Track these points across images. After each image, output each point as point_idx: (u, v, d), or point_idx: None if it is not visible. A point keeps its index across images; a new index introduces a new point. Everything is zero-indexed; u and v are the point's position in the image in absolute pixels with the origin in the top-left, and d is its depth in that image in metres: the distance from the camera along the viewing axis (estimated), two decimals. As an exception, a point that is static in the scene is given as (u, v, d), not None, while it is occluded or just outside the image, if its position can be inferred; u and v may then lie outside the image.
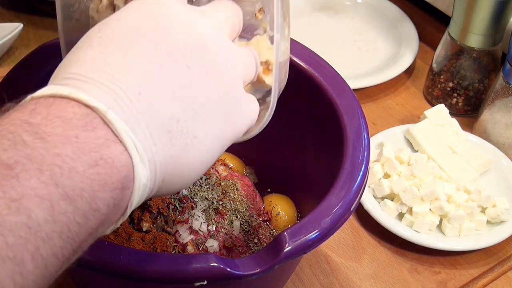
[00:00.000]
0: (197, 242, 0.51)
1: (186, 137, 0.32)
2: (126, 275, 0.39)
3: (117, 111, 0.29)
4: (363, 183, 0.47)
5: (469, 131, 0.76)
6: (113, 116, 0.29)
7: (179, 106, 0.32)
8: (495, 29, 0.74)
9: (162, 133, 0.31)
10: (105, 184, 0.28)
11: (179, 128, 0.31)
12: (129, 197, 0.30)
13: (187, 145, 0.32)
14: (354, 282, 0.61)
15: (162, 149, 0.31)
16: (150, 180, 0.31)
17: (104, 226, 0.29)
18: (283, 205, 0.62)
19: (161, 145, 0.31)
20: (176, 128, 0.31)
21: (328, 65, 0.57)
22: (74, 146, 0.27)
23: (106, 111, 0.28)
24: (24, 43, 0.86)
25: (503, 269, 0.64)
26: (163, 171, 0.31)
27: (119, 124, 0.29)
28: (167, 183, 0.32)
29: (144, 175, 0.30)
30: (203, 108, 0.33)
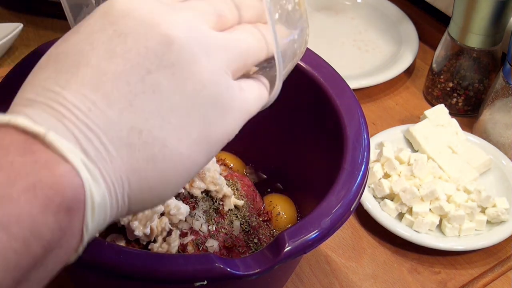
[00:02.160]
0: (197, 242, 0.51)
1: (152, 148, 0.29)
2: (126, 275, 0.39)
3: (61, 131, 0.28)
4: (363, 183, 0.47)
5: (469, 131, 0.76)
6: (53, 137, 0.27)
7: (141, 116, 0.29)
8: (495, 29, 0.74)
9: (121, 148, 0.29)
10: (46, 208, 0.26)
11: (143, 139, 0.29)
12: (82, 219, 0.28)
13: (155, 156, 0.30)
14: (354, 282, 0.61)
15: (121, 164, 0.29)
16: (111, 200, 0.29)
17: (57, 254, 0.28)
18: (283, 205, 0.62)
19: (120, 160, 0.29)
20: (138, 139, 0.29)
21: (328, 65, 0.57)
22: (8, 172, 0.26)
23: (45, 133, 0.27)
24: (24, 43, 0.87)
25: (503, 269, 0.64)
26: (126, 188, 0.29)
27: (61, 144, 0.27)
28: (137, 199, 0.30)
29: (98, 194, 0.28)
30: (172, 114, 0.30)
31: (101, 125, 0.29)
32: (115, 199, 0.29)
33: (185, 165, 0.31)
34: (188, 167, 0.31)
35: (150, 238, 0.50)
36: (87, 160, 0.28)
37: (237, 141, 0.69)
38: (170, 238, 0.50)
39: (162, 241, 0.50)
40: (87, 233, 0.29)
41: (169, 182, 0.31)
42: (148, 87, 0.30)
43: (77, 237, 0.28)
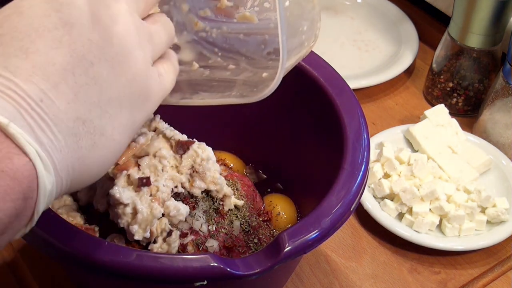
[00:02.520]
0: (197, 242, 0.51)
1: (93, 137, 0.32)
2: (125, 275, 0.39)
3: (19, 122, 0.29)
4: (363, 183, 0.47)
5: (469, 131, 0.76)
6: (14, 129, 0.29)
7: (84, 107, 0.31)
8: (495, 29, 0.74)
9: (68, 137, 0.31)
10: (6, 195, 0.28)
11: (85, 129, 0.32)
12: (33, 204, 0.30)
13: (95, 144, 0.32)
14: (354, 282, 0.61)
15: (68, 152, 0.31)
16: (57, 185, 0.31)
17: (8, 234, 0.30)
18: (283, 205, 0.62)
19: (67, 149, 0.31)
20: (82, 129, 0.31)
21: (328, 65, 0.57)
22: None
23: (7, 124, 0.28)
24: (24, 43, 0.86)
25: (503, 269, 0.64)
26: (71, 174, 0.32)
27: (20, 136, 0.29)
28: (76, 181, 0.33)
29: (49, 181, 0.30)
30: (109, 104, 0.33)
31: (52, 116, 0.30)
32: (60, 183, 0.31)
33: (116, 149, 0.34)
34: (118, 149, 0.35)
35: (150, 239, 0.50)
36: (41, 151, 0.30)
37: (237, 141, 0.69)
38: (170, 238, 0.50)
39: (162, 241, 0.50)
40: (37, 215, 0.31)
41: (104, 164, 0.34)
42: (91, 78, 0.32)
43: (27, 218, 0.30)
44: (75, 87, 0.31)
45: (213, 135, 0.57)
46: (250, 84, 0.43)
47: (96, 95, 0.32)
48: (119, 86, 0.33)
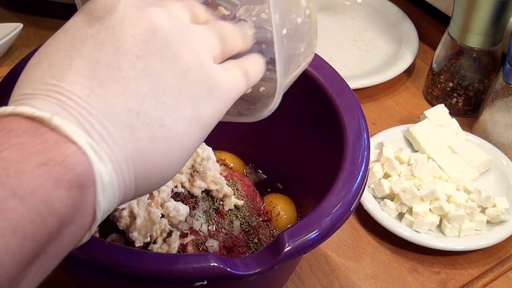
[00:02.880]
0: (197, 242, 0.51)
1: (151, 128, 0.31)
2: (125, 275, 0.39)
3: (65, 117, 0.29)
4: (363, 183, 0.47)
5: (469, 131, 0.76)
6: (59, 121, 0.29)
7: (137, 99, 0.31)
8: (495, 29, 0.74)
9: (122, 129, 0.30)
10: (58, 183, 0.27)
11: (141, 120, 0.31)
12: (93, 197, 0.29)
13: (154, 135, 0.31)
14: (354, 282, 0.61)
15: (124, 145, 0.30)
16: (119, 180, 0.30)
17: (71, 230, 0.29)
18: (283, 205, 0.62)
19: (123, 141, 0.30)
20: (137, 121, 0.31)
21: (328, 65, 0.57)
22: (20, 151, 0.27)
23: (51, 118, 0.28)
24: (24, 43, 0.87)
25: (503, 269, 0.64)
26: (132, 168, 0.31)
27: (67, 127, 0.29)
28: (143, 180, 0.32)
29: (106, 173, 0.29)
30: (165, 95, 0.32)
31: (101, 109, 0.30)
32: (122, 178, 0.31)
33: (183, 142, 0.33)
34: (185, 144, 0.33)
35: (150, 240, 0.50)
36: (92, 141, 0.29)
37: (237, 141, 0.69)
38: (170, 239, 0.50)
39: (162, 242, 0.50)
40: (100, 211, 0.30)
41: (170, 159, 0.33)
42: (139, 71, 0.31)
43: (90, 215, 0.29)
44: (123, 81, 0.31)
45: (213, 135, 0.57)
46: (247, 99, 0.42)
47: (148, 87, 0.32)
48: (172, 76, 0.32)
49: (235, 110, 0.42)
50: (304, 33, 0.42)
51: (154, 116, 0.31)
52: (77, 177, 0.28)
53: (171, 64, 0.33)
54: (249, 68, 0.38)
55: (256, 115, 0.41)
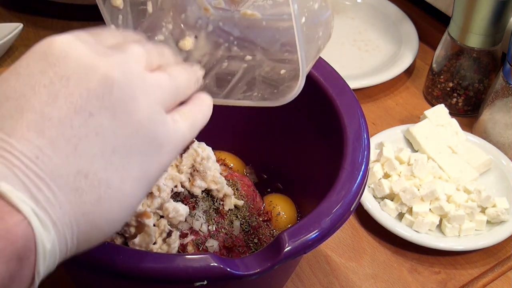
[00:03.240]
0: (197, 242, 0.51)
1: (98, 190, 0.30)
2: (125, 275, 0.39)
3: (12, 181, 0.28)
4: (363, 183, 0.47)
5: (469, 131, 0.76)
6: (5, 187, 0.28)
7: (86, 160, 0.30)
8: (495, 29, 0.74)
9: (69, 192, 0.30)
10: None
11: (88, 182, 0.30)
12: (33, 266, 0.29)
13: (101, 197, 0.31)
14: (354, 282, 0.61)
15: (70, 209, 0.30)
16: (60, 244, 0.30)
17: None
18: (283, 205, 0.62)
19: (69, 205, 0.30)
20: (85, 183, 0.30)
21: (328, 65, 0.57)
22: None
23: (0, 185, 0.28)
24: (24, 43, 0.86)
25: (503, 269, 0.64)
26: (75, 231, 0.30)
27: (13, 194, 0.28)
28: (85, 239, 0.31)
29: (48, 240, 0.29)
30: (114, 155, 0.31)
31: (49, 172, 0.29)
32: (65, 242, 0.30)
33: (128, 202, 0.32)
34: (131, 203, 0.33)
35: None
36: (37, 208, 0.29)
37: (237, 141, 0.69)
38: (170, 239, 0.50)
39: (162, 242, 0.50)
40: (39, 277, 0.29)
41: (114, 219, 0.32)
42: (91, 129, 0.31)
43: (28, 281, 0.29)
44: (73, 140, 0.30)
45: (213, 135, 0.57)
46: (270, 82, 0.43)
47: (99, 146, 0.31)
48: (124, 135, 0.32)
49: (258, 94, 0.43)
50: (322, 17, 0.43)
51: (101, 178, 0.31)
52: (18, 250, 0.28)
53: (123, 122, 0.32)
54: (197, 116, 0.37)
55: (280, 100, 0.42)
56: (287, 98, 0.41)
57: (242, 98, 0.43)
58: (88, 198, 0.30)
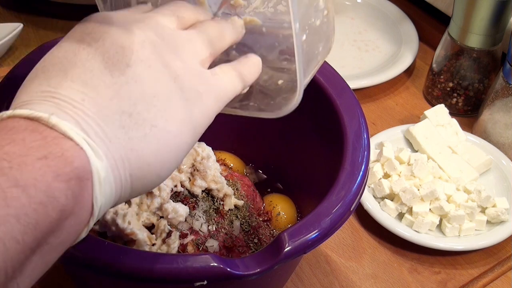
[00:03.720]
0: (197, 242, 0.51)
1: (144, 128, 0.33)
2: (125, 275, 0.39)
3: (62, 116, 0.30)
4: (363, 183, 0.47)
5: (469, 131, 0.76)
6: (56, 119, 0.30)
7: (129, 102, 0.33)
8: (495, 29, 0.74)
9: (116, 129, 0.32)
10: (58, 175, 0.28)
11: (133, 121, 0.32)
12: (91, 190, 0.30)
13: (147, 135, 0.33)
14: (354, 282, 0.61)
15: (119, 143, 0.32)
16: (115, 176, 0.31)
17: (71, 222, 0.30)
18: (283, 205, 0.62)
19: (117, 140, 0.32)
20: (130, 121, 0.32)
21: (328, 65, 0.57)
22: (21, 145, 0.28)
23: (49, 117, 0.30)
24: (24, 43, 0.86)
25: (503, 269, 0.64)
26: (127, 166, 0.32)
27: (64, 125, 0.30)
28: (139, 178, 0.33)
29: (102, 168, 0.30)
30: (156, 99, 0.33)
31: (95, 111, 0.32)
32: (118, 175, 0.32)
33: (176, 142, 0.34)
34: (178, 144, 0.34)
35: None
36: (88, 138, 0.31)
37: (237, 141, 0.69)
38: (170, 239, 0.50)
39: (162, 242, 0.50)
40: (97, 206, 0.31)
41: (163, 159, 0.34)
42: (130, 78, 0.33)
43: (88, 209, 0.31)
44: (115, 86, 0.33)
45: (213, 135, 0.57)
46: (267, 92, 0.43)
47: (139, 91, 0.33)
48: (162, 82, 0.34)
49: (255, 104, 0.43)
50: (323, 33, 0.43)
51: (146, 118, 0.33)
52: (76, 170, 0.29)
53: (159, 72, 0.34)
54: (243, 70, 0.39)
55: (276, 112, 0.42)
56: (284, 111, 0.42)
57: (238, 107, 0.44)
58: (134, 134, 0.32)
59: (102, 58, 0.33)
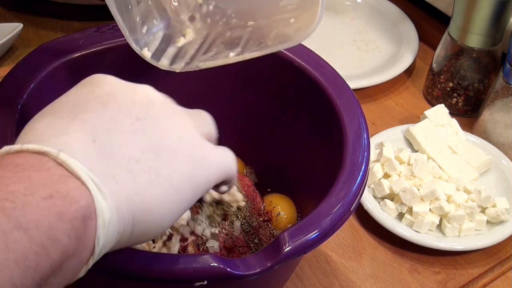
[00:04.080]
0: (197, 242, 0.51)
1: (149, 175, 0.33)
2: (125, 275, 0.39)
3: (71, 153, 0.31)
4: (363, 183, 0.47)
5: (469, 131, 0.76)
6: (65, 156, 0.30)
7: (137, 150, 0.33)
8: (495, 29, 0.74)
9: (123, 172, 0.32)
10: (62, 215, 0.28)
11: (140, 167, 0.33)
12: (94, 230, 0.30)
13: (152, 181, 0.33)
14: (354, 282, 0.61)
15: (125, 186, 0.32)
16: (118, 217, 0.31)
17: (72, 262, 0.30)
18: (283, 205, 0.62)
19: (124, 182, 0.32)
20: (137, 167, 0.33)
21: (328, 65, 0.57)
22: (27, 184, 0.28)
23: (58, 152, 0.30)
24: (24, 43, 0.86)
25: (503, 269, 0.64)
26: (130, 209, 0.32)
27: (72, 162, 0.30)
28: (139, 224, 0.33)
29: (106, 208, 0.30)
30: (162, 152, 0.34)
31: (105, 153, 0.32)
32: (122, 217, 0.32)
33: (177, 196, 0.35)
34: (180, 198, 0.35)
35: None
36: (95, 177, 0.31)
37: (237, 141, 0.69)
38: (170, 243, 0.49)
39: (162, 245, 0.50)
40: (98, 246, 0.31)
41: (165, 209, 0.34)
42: (139, 129, 0.34)
43: (90, 249, 0.31)
44: (124, 134, 0.33)
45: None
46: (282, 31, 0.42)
47: (147, 142, 0.34)
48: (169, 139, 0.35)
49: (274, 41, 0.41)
50: None
51: (152, 166, 0.34)
52: (81, 209, 0.29)
53: (167, 129, 0.35)
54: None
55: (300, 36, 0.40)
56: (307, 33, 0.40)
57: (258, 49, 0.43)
58: (140, 179, 0.33)
59: (113, 108, 0.34)
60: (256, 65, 0.55)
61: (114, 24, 0.54)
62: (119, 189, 0.32)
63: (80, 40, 0.54)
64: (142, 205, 0.33)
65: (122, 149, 0.33)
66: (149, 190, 0.33)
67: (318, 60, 0.57)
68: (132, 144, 0.33)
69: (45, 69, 0.51)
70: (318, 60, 0.57)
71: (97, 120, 0.33)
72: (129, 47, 0.45)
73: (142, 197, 0.33)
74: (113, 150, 0.32)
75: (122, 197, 0.32)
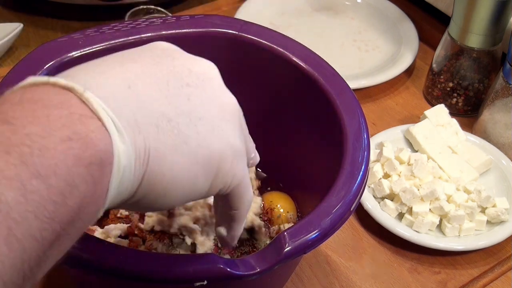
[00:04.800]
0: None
1: (176, 138, 0.31)
2: (126, 275, 0.39)
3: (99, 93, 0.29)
4: (363, 183, 0.47)
5: (469, 131, 0.76)
6: (90, 94, 0.28)
7: (173, 110, 0.31)
8: (495, 29, 0.74)
9: (149, 125, 0.30)
10: (80, 159, 0.27)
11: (170, 127, 0.31)
12: (109, 177, 0.28)
13: (176, 146, 0.31)
14: (354, 282, 0.61)
15: (147, 138, 0.30)
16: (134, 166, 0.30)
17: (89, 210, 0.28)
18: (283, 204, 0.62)
19: (147, 134, 0.30)
20: (166, 125, 0.31)
21: (328, 65, 0.57)
22: (44, 124, 0.27)
23: (84, 90, 0.28)
24: (24, 43, 0.87)
25: (503, 269, 0.64)
26: (145, 162, 0.30)
27: (96, 101, 0.28)
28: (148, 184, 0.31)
29: (124, 153, 0.29)
30: (199, 122, 0.33)
31: (136, 101, 0.30)
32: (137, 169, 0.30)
33: (196, 171, 0.33)
34: (197, 176, 0.33)
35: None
36: (118, 122, 0.29)
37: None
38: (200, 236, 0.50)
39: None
40: (110, 195, 0.29)
41: (177, 183, 0.32)
42: (184, 94, 0.32)
43: (103, 196, 0.29)
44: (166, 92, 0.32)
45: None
46: None
47: (187, 108, 0.32)
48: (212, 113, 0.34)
49: None
50: None
51: (182, 131, 0.32)
52: (99, 154, 0.28)
53: (214, 99, 0.34)
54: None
55: None
56: None
57: None
58: (165, 139, 0.31)
59: (166, 67, 0.33)
60: (256, 65, 0.55)
61: (114, 24, 0.54)
62: (140, 139, 0.30)
63: (80, 40, 0.54)
64: (156, 165, 0.31)
65: (157, 103, 0.31)
66: (169, 154, 0.31)
67: (318, 60, 0.57)
68: (170, 103, 0.31)
69: (45, 69, 0.51)
70: (318, 60, 0.57)
71: (142, 71, 0.31)
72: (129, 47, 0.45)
73: (159, 156, 0.31)
74: (146, 101, 0.31)
75: (140, 147, 0.30)
